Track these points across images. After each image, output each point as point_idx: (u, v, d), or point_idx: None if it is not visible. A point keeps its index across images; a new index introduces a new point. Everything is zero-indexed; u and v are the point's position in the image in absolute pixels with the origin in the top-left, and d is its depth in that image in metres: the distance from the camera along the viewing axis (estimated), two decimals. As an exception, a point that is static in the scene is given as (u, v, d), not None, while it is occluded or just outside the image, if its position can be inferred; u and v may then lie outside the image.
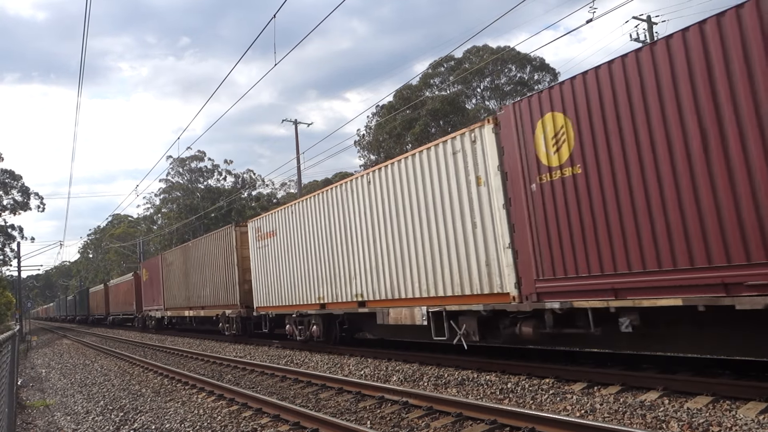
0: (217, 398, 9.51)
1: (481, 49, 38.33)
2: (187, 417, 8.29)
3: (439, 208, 9.80)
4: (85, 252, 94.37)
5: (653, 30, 27.85)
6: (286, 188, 60.54)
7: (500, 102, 39.19)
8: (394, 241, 10.97)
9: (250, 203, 58.42)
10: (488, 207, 8.77)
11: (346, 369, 10.99)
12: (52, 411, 10.63)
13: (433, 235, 9.94)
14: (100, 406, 10.08)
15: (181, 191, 59.30)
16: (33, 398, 12.50)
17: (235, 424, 7.60)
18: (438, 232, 9.83)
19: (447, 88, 38.64)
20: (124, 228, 71.83)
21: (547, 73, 39.02)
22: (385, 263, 11.24)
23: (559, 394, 7.26)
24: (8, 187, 49.39)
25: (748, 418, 5.52)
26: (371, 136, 40.45)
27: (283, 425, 7.27)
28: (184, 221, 52.98)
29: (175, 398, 10.03)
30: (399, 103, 36.49)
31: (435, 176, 9.87)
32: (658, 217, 6.54)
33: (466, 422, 6.52)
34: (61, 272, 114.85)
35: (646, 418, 5.94)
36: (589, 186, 7.26)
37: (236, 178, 60.40)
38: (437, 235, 9.85)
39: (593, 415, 6.32)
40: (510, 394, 7.64)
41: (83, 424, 8.92)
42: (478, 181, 8.97)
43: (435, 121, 37.19)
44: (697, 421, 5.58)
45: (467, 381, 8.64)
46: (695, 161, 6.19)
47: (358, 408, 7.76)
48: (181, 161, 57.56)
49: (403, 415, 7.15)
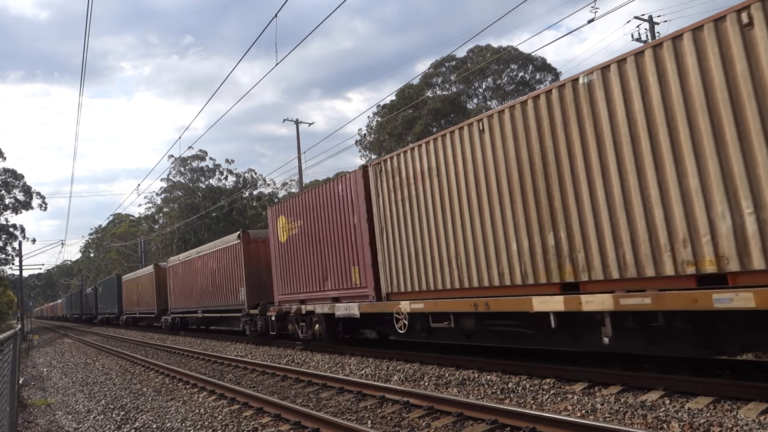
0: (218, 397, 9.52)
1: (483, 49, 38.33)
2: (188, 416, 8.30)
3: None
4: (86, 251, 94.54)
5: (655, 30, 27.78)
6: (287, 188, 60.64)
7: (501, 101, 39.19)
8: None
9: (251, 203, 58.47)
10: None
11: (347, 368, 11.00)
12: (54, 410, 10.65)
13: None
14: (101, 405, 10.10)
15: (183, 191, 59.36)
16: (34, 397, 12.53)
17: (236, 423, 7.61)
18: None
19: (449, 87, 38.64)
20: (126, 227, 71.95)
21: (549, 73, 39.00)
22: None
23: (560, 394, 7.26)
24: (10, 186, 49.48)
25: (749, 419, 5.51)
26: (372, 135, 40.47)
27: (283, 425, 7.28)
28: (186, 221, 53.02)
29: (176, 397, 10.04)
30: (400, 103, 36.51)
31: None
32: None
33: (467, 422, 6.52)
34: (62, 271, 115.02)
35: (647, 418, 5.93)
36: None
37: (237, 178, 60.46)
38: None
39: (594, 415, 6.32)
40: (511, 394, 7.64)
41: (84, 422, 8.93)
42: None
43: (436, 120, 37.20)
44: (698, 422, 5.58)
45: (468, 381, 8.64)
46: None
47: (359, 407, 7.77)
48: (183, 161, 57.61)
49: (404, 414, 7.16)
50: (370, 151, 41.28)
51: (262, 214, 55.03)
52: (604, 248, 7.19)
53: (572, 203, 7.58)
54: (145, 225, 68.70)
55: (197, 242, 44.53)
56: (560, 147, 7.72)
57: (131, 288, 36.01)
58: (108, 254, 75.09)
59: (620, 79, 6.96)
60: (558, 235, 7.78)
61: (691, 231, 6.29)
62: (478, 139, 8.98)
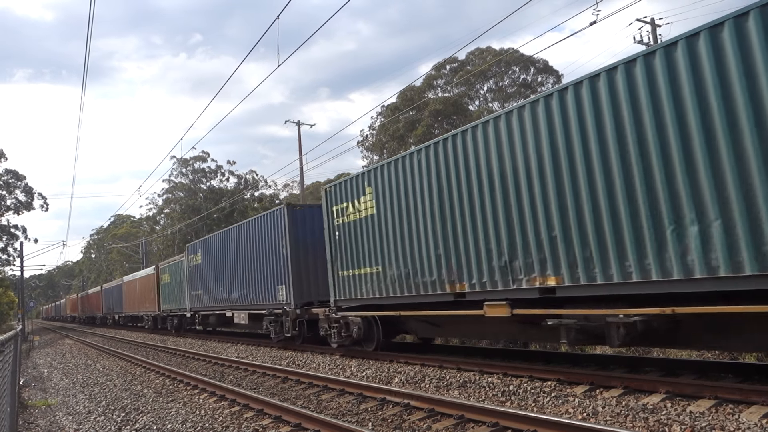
0: (219, 399, 9.51)
1: (484, 51, 38.32)
2: (189, 418, 8.29)
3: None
4: (87, 252, 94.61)
5: (657, 32, 27.76)
6: (288, 189, 60.65)
7: (503, 104, 39.18)
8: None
9: (252, 204, 58.48)
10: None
11: (347, 371, 10.98)
12: (54, 411, 10.64)
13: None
14: (101, 407, 10.09)
15: (184, 192, 59.40)
16: (35, 398, 12.53)
17: (236, 425, 7.60)
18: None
19: (451, 89, 38.64)
20: (127, 228, 71.98)
21: (551, 75, 38.97)
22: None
23: (561, 397, 7.24)
24: (12, 187, 49.50)
25: (751, 422, 5.49)
26: (374, 137, 40.46)
27: (284, 426, 7.27)
28: (187, 222, 53.06)
29: (177, 399, 10.03)
30: (402, 105, 36.51)
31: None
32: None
33: (468, 424, 6.50)
34: (63, 272, 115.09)
35: (649, 421, 5.91)
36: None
37: (239, 179, 60.48)
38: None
39: (595, 417, 6.30)
40: (512, 397, 7.63)
41: (85, 424, 8.93)
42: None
43: (438, 122, 37.19)
44: (700, 425, 5.56)
45: (469, 383, 8.63)
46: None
47: (360, 410, 7.75)
48: (185, 162, 57.67)
49: (405, 417, 7.14)
50: (372, 152, 41.28)
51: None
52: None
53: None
54: (147, 226, 68.72)
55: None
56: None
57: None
58: (109, 255, 75.13)
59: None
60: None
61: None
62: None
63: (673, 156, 6.35)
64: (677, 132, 6.30)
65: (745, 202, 5.79)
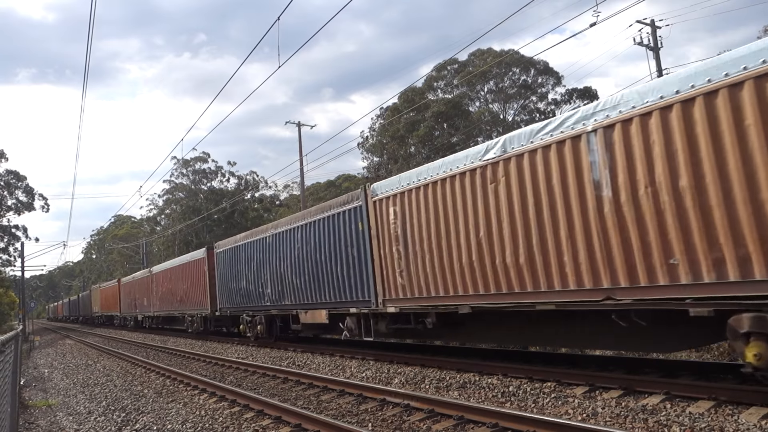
0: (219, 399, 9.52)
1: (485, 53, 38.32)
2: (189, 418, 8.30)
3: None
4: (88, 253, 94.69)
5: (657, 34, 27.77)
6: (289, 190, 60.69)
7: (504, 105, 39.21)
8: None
9: (252, 205, 58.52)
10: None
11: (347, 371, 11.00)
12: (55, 411, 10.66)
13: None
14: (102, 407, 10.11)
15: (185, 192, 59.45)
16: (35, 398, 12.54)
17: (236, 425, 7.61)
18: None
19: (451, 90, 38.66)
20: (128, 229, 72.02)
21: (551, 77, 38.98)
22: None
23: (560, 398, 7.26)
24: (12, 187, 49.53)
25: (750, 423, 5.50)
26: (375, 138, 40.47)
27: (284, 427, 7.28)
28: (187, 222, 53.09)
29: (177, 399, 10.05)
30: (403, 106, 36.53)
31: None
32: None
33: (467, 425, 6.52)
34: (64, 273, 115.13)
35: (648, 422, 5.93)
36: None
37: (239, 180, 60.53)
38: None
39: (595, 419, 6.31)
40: (512, 398, 7.64)
41: (85, 424, 8.94)
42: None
43: (439, 123, 37.22)
44: (699, 426, 5.57)
45: (469, 384, 8.64)
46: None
47: (360, 410, 7.77)
48: (185, 162, 57.71)
49: (405, 417, 7.15)
50: (373, 153, 41.29)
51: (264, 216, 55.11)
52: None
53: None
54: (147, 227, 68.76)
55: (198, 244, 44.54)
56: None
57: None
58: (110, 255, 75.19)
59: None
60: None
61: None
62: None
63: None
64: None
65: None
